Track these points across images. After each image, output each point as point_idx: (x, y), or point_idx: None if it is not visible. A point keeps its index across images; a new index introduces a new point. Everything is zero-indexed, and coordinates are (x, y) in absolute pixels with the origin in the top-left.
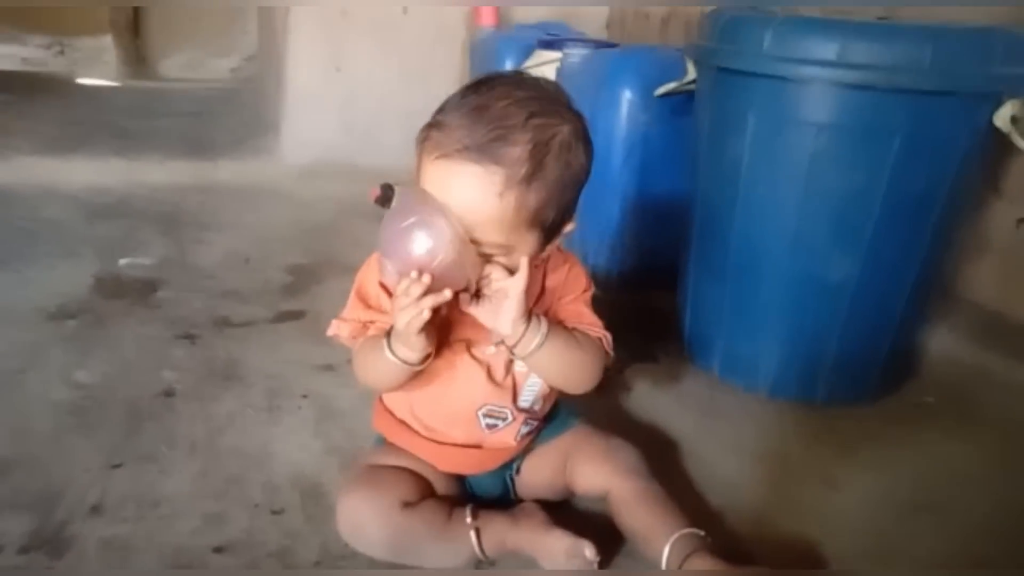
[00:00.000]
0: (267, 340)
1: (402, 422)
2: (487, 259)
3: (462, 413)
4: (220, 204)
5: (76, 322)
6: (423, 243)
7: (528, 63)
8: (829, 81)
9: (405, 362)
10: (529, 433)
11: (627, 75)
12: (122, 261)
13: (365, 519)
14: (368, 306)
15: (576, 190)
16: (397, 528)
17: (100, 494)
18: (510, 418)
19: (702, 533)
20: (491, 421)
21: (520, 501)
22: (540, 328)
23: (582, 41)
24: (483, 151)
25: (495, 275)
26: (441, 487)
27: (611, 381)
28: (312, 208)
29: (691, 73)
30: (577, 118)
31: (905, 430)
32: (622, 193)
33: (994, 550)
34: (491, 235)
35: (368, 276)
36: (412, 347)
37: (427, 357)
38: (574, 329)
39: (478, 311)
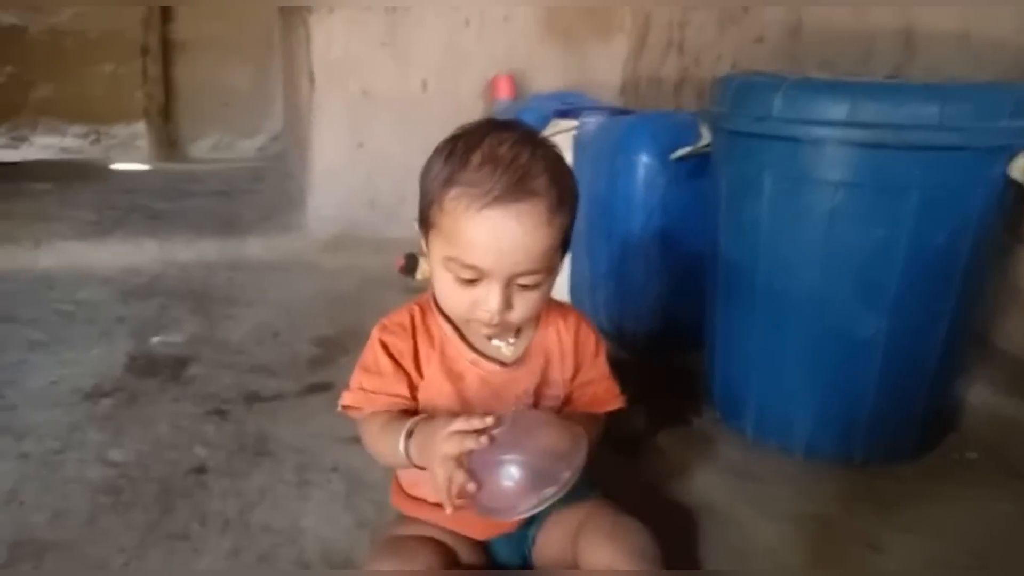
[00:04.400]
0: (296, 413)
1: (414, 497)
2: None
3: None
4: (248, 279)
5: (111, 401)
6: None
7: (545, 132)
8: (841, 141)
9: (416, 466)
10: None
11: (643, 140)
12: (154, 339)
13: None
14: (367, 369)
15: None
16: None
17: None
18: None
19: None
20: None
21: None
22: None
23: (597, 109)
24: (520, 190)
25: None
26: (464, 555)
27: (643, 445)
28: (338, 280)
29: (705, 137)
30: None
31: (949, 488)
32: (644, 256)
33: None
34: (540, 263)
35: (369, 346)
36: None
37: None
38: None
39: None
